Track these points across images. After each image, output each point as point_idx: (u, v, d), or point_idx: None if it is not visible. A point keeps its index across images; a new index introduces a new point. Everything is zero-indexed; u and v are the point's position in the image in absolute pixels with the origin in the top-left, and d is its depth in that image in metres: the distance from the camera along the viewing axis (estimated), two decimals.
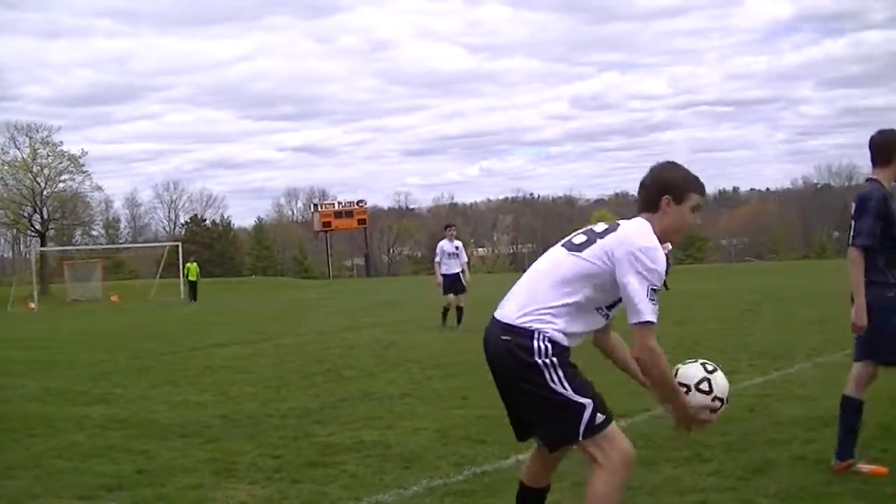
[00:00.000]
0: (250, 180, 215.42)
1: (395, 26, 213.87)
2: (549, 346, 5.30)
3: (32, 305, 61.11)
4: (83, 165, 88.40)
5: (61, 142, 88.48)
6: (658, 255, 5.23)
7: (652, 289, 5.17)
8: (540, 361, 5.29)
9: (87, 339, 27.55)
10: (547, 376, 5.29)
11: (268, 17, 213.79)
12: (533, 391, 5.37)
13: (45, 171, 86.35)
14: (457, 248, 24.79)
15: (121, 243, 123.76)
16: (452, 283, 24.42)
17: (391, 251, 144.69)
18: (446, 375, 14.91)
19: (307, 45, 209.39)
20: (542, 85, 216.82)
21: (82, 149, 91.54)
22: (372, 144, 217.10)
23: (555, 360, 5.28)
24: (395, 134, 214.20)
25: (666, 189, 5.49)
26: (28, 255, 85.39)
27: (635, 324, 5.20)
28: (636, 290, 5.18)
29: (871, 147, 7.99)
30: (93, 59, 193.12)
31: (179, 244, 78.31)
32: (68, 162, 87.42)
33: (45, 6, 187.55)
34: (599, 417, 5.35)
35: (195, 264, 58.56)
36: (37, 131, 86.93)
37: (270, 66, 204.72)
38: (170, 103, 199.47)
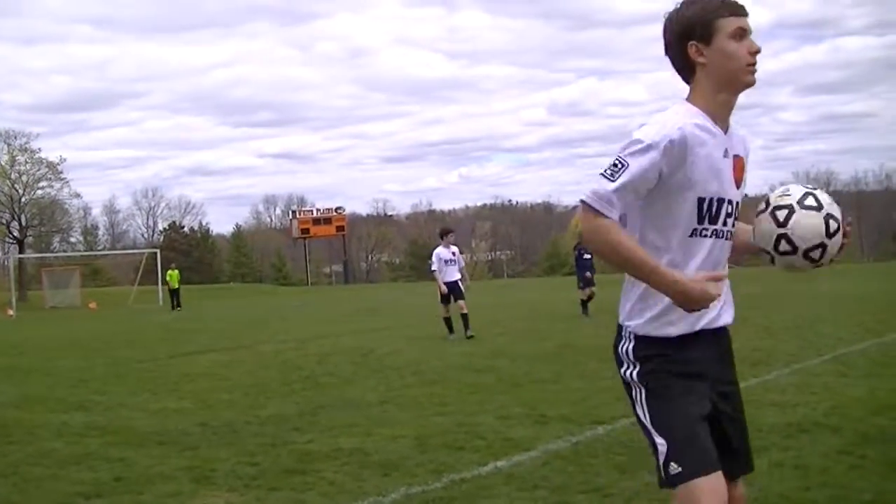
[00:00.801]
0: (229, 187, 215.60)
1: (374, 33, 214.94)
2: (632, 345, 4.28)
3: (10, 312, 60.96)
4: (61, 172, 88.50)
5: (39, 148, 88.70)
6: (646, 128, 4.08)
7: (615, 162, 4.02)
8: (624, 373, 4.33)
9: (65, 347, 27.46)
10: (634, 394, 4.30)
11: (246, 23, 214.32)
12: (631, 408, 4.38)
13: (24, 177, 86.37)
14: (454, 253, 24.13)
15: (99, 250, 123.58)
16: (452, 290, 23.67)
17: (370, 258, 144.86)
18: (425, 382, 14.90)
19: (286, 52, 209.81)
20: (520, 91, 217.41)
21: (60, 156, 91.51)
22: (350, 151, 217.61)
23: (636, 372, 4.26)
24: (373, 141, 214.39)
25: (687, 35, 4.20)
26: (6, 262, 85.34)
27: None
28: None
29: None
30: (71, 66, 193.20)
31: (158, 251, 78.40)
32: (46, 169, 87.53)
33: (22, 12, 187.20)
34: (674, 468, 4.10)
35: (176, 271, 58.37)
36: (15, 138, 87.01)
37: (249, 72, 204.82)
38: (148, 110, 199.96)
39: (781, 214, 4.19)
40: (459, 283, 23.75)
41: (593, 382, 13.77)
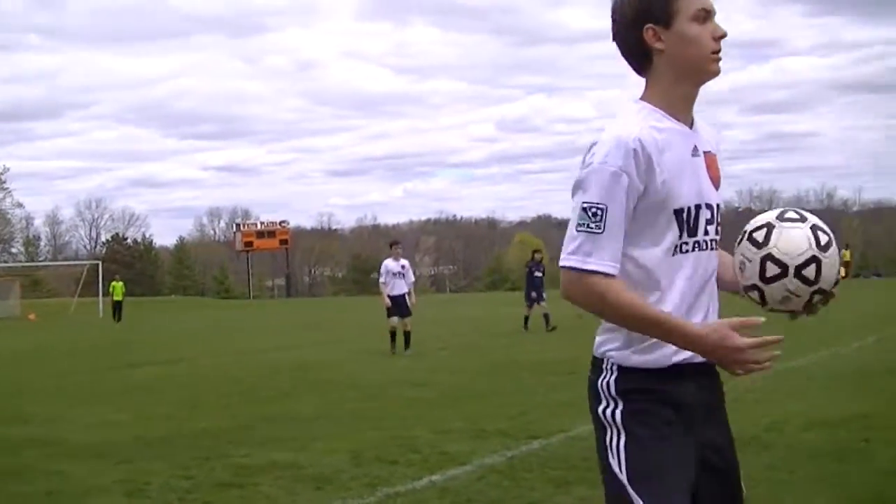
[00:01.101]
0: (173, 199, 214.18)
1: (323, 47, 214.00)
2: (614, 378, 3.57)
3: None
4: (4, 182, 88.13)
5: None
6: (601, 150, 3.43)
7: (585, 208, 3.40)
8: (602, 412, 3.59)
9: (4, 358, 27.23)
10: (608, 438, 3.57)
11: (195, 35, 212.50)
12: (597, 451, 3.65)
13: None
14: (403, 266, 23.58)
15: (40, 261, 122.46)
16: (398, 305, 23.19)
17: (312, 272, 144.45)
18: (363, 396, 14.93)
19: (234, 65, 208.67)
20: (468, 107, 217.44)
21: (3, 165, 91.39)
22: (296, 165, 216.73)
23: (619, 411, 3.54)
24: (319, 154, 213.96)
25: (643, 17, 3.57)
26: None
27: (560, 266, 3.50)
28: (571, 213, 3.50)
29: None
30: (15, 75, 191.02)
31: (99, 263, 77.78)
32: None
33: None
34: None
35: (121, 283, 58.02)
36: None
37: (196, 84, 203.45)
38: (94, 120, 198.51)
39: (760, 235, 3.55)
40: (407, 298, 23.35)
41: (532, 397, 13.87)
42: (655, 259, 3.50)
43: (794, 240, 3.47)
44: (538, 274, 29.72)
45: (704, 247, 3.60)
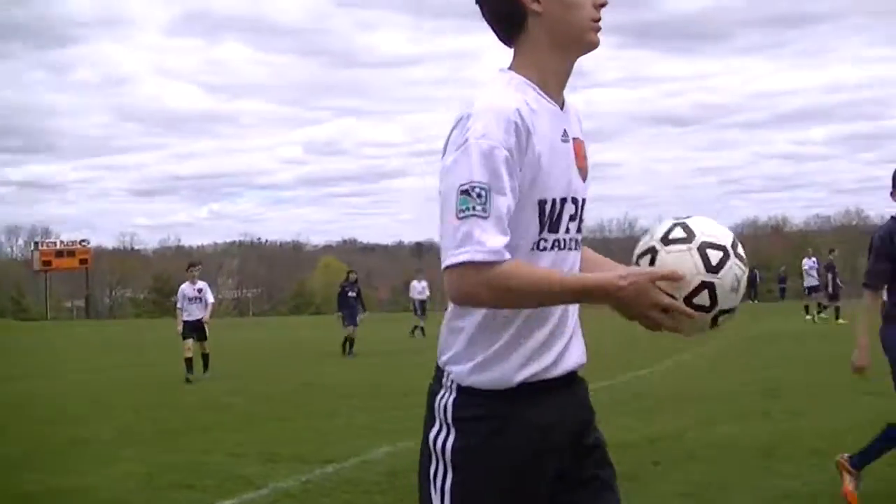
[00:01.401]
0: None
1: (133, 62, 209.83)
2: (452, 399, 3.13)
3: None
4: None
5: None
6: (477, 123, 2.96)
7: (466, 190, 2.90)
8: (433, 438, 3.15)
9: None
10: (432, 468, 3.15)
11: None
12: (419, 478, 3.24)
13: None
14: (199, 290, 22.95)
15: None
16: (195, 330, 22.53)
17: (114, 293, 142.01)
18: (158, 420, 14.78)
19: (39, 76, 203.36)
20: (278, 128, 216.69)
21: None
22: (100, 182, 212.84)
23: (451, 444, 3.10)
24: (124, 172, 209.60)
25: None
26: None
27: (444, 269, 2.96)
28: (441, 203, 2.99)
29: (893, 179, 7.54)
30: None
31: None
32: None
33: None
34: None
35: None
36: None
37: None
38: None
39: (644, 262, 3.14)
40: (204, 322, 22.74)
41: (327, 421, 13.92)
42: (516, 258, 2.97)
43: (679, 267, 3.02)
44: (352, 294, 29.67)
45: (564, 245, 3.19)
